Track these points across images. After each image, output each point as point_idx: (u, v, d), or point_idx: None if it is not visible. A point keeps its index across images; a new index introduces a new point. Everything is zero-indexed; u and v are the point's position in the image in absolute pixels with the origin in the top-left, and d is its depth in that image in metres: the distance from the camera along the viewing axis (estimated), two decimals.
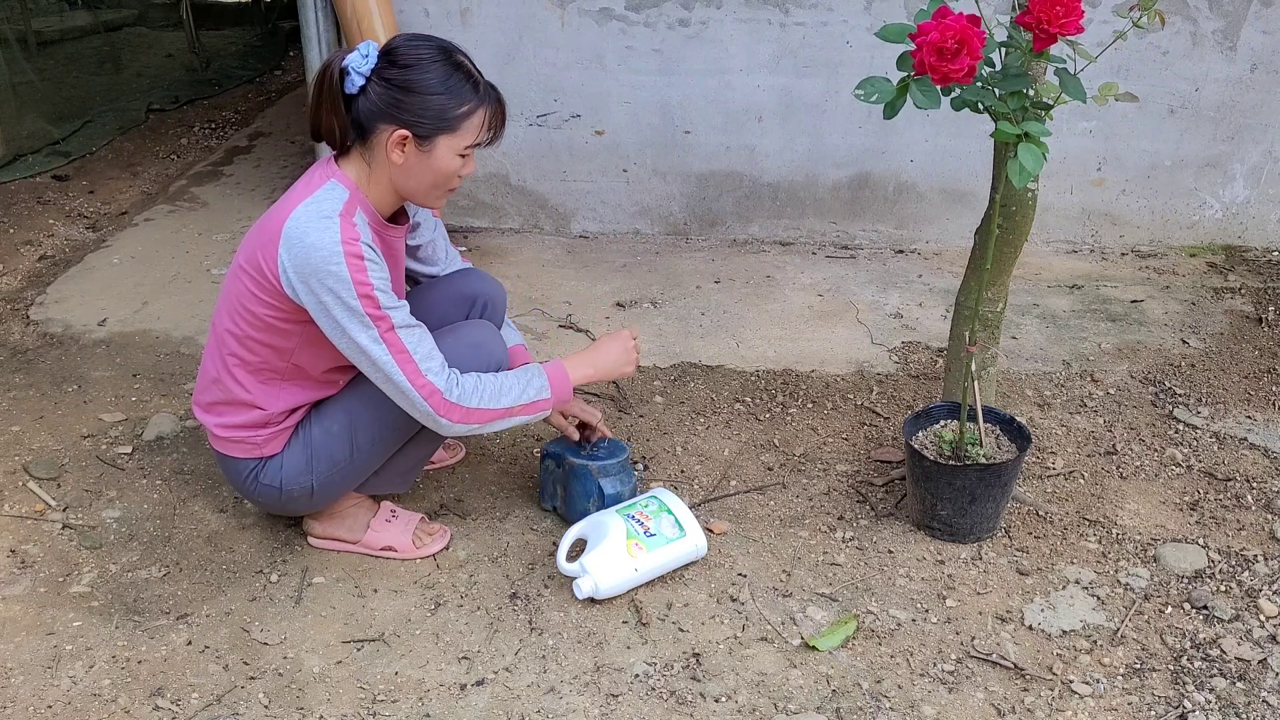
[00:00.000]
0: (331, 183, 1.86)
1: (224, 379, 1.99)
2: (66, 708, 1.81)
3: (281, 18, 6.36)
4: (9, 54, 4.45)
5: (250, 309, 1.91)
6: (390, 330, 1.84)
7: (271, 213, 1.90)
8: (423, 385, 1.86)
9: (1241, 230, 3.52)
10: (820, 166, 3.49)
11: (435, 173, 1.87)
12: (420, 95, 1.81)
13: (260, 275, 1.87)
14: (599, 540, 2.04)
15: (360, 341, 1.83)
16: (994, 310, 2.29)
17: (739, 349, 2.94)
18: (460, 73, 1.84)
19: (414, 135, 1.82)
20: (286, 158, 4.39)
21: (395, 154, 1.84)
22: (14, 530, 2.23)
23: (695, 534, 2.09)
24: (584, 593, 2.00)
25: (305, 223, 1.81)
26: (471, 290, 2.24)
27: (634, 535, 2.04)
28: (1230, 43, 3.25)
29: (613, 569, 2.00)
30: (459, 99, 1.83)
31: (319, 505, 2.11)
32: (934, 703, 1.83)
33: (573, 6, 3.32)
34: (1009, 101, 1.81)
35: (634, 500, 2.15)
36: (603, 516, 2.09)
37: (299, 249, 1.80)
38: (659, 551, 2.05)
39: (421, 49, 1.83)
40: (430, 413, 1.88)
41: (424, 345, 1.88)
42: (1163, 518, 2.28)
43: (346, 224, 1.81)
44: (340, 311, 1.81)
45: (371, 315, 1.82)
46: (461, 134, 1.85)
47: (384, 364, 1.84)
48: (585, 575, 2.00)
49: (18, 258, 3.46)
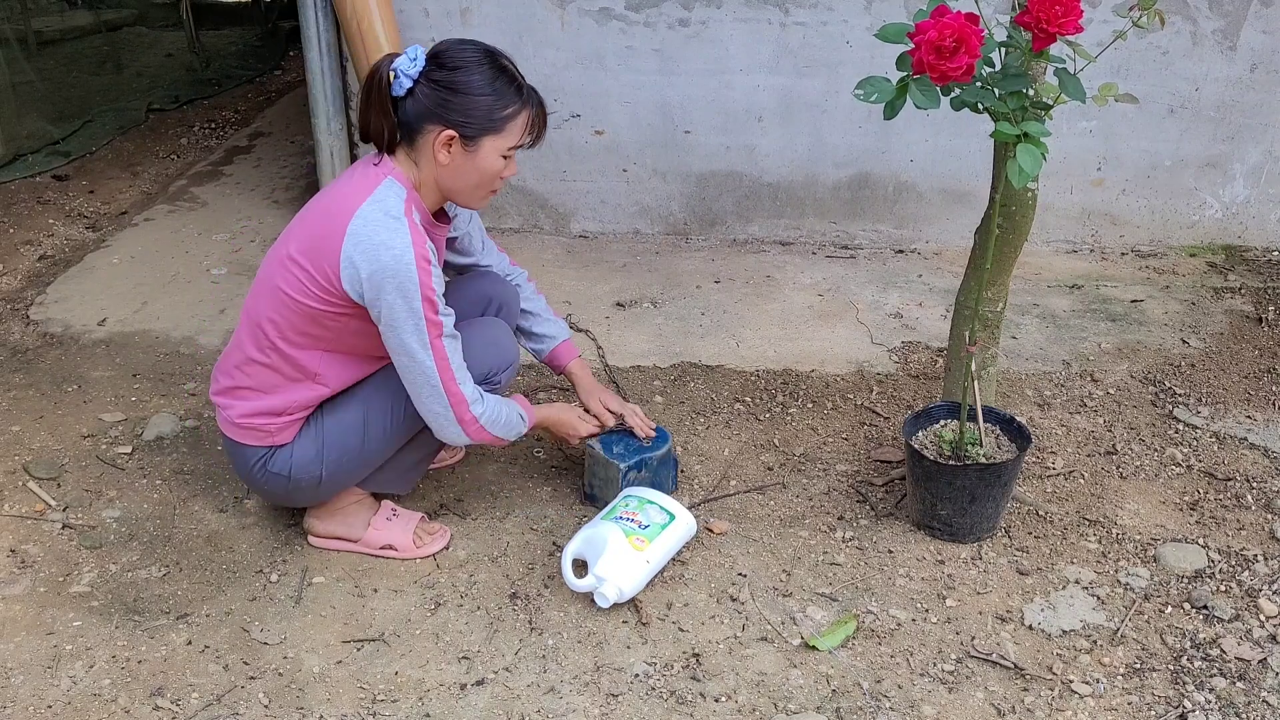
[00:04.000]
0: (389, 180, 1.91)
1: (250, 361, 2.01)
2: (66, 708, 1.81)
3: (281, 18, 6.36)
4: (9, 54, 4.45)
5: (297, 299, 1.93)
6: (439, 337, 1.92)
7: (327, 208, 1.93)
8: (455, 393, 1.95)
9: (1241, 230, 3.52)
10: (820, 166, 3.49)
11: (480, 172, 1.93)
12: (467, 96, 1.86)
13: (316, 269, 1.90)
14: (600, 549, 2.04)
15: (409, 342, 1.90)
16: (994, 310, 2.29)
17: (739, 349, 2.94)
18: (505, 75, 1.89)
19: (460, 136, 1.88)
20: (286, 158, 4.39)
21: (442, 154, 1.89)
22: (14, 530, 2.23)
23: (683, 513, 2.14)
24: (610, 600, 2.00)
25: (374, 222, 1.86)
26: (487, 293, 2.29)
27: (632, 533, 2.05)
28: (1230, 43, 3.25)
29: (628, 569, 2.01)
30: (504, 100, 1.88)
31: (324, 496, 2.12)
32: (934, 703, 1.83)
33: (573, 6, 3.32)
34: (1008, 101, 1.81)
35: (612, 504, 2.16)
36: (592, 530, 2.09)
37: (369, 247, 1.85)
38: (660, 539, 2.07)
39: (468, 51, 1.88)
40: (453, 418, 1.97)
41: (458, 356, 1.97)
42: (1163, 518, 2.28)
43: (413, 225, 1.88)
44: (402, 311, 1.87)
45: (429, 319, 1.89)
46: (506, 135, 1.90)
47: (426, 366, 1.92)
48: (604, 583, 1.99)
49: (18, 258, 3.46)
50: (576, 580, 2.02)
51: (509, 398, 2.13)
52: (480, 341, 2.10)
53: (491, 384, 2.12)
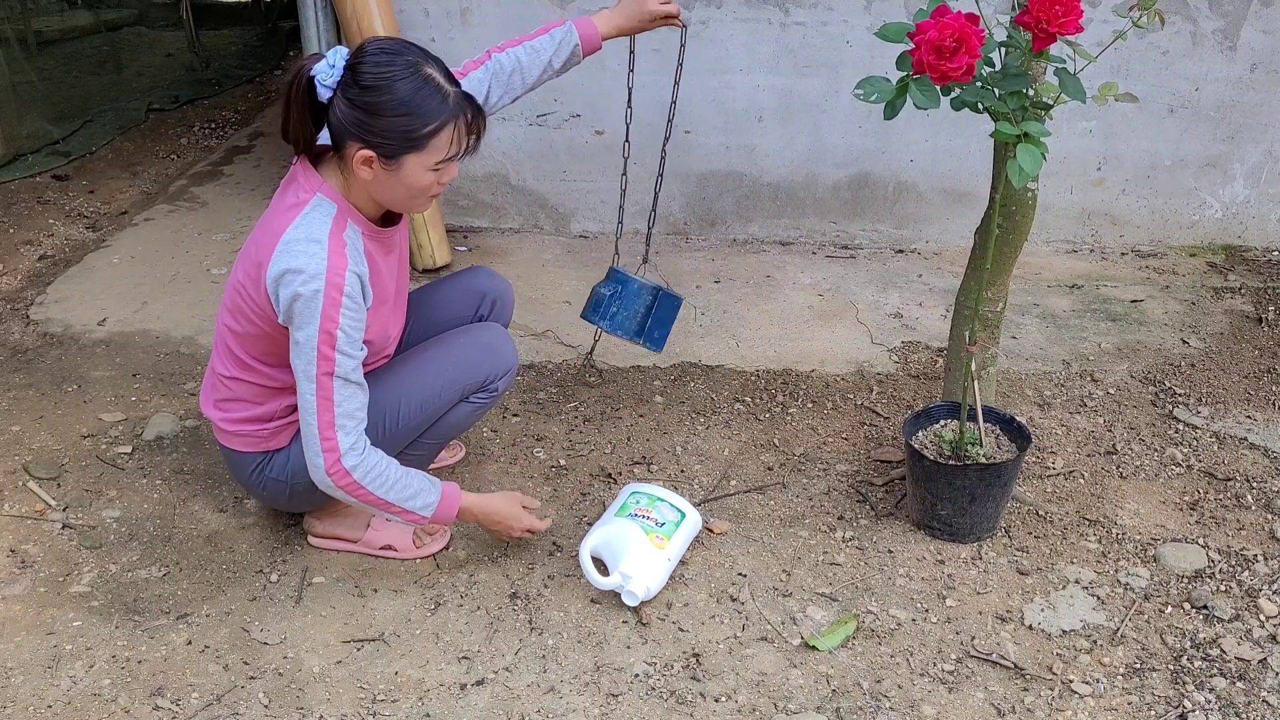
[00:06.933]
0: (318, 197, 1.86)
1: (229, 378, 2.00)
2: (66, 708, 1.81)
3: (281, 18, 6.35)
4: (9, 54, 4.45)
5: (249, 321, 1.92)
6: (328, 375, 1.82)
7: (266, 227, 1.89)
8: (328, 439, 1.84)
9: (1241, 230, 3.52)
10: (820, 166, 3.49)
11: (407, 187, 1.85)
12: (383, 117, 1.77)
13: (257, 293, 1.87)
14: (622, 548, 2.04)
15: (299, 369, 1.84)
16: (994, 310, 2.29)
17: (739, 349, 2.94)
18: (428, 88, 1.78)
19: (379, 155, 1.80)
20: (286, 157, 4.34)
21: (363, 171, 1.82)
22: (14, 530, 2.23)
23: (691, 510, 2.15)
24: (638, 599, 2.00)
25: (294, 247, 1.81)
26: (481, 287, 2.27)
27: (651, 530, 2.06)
28: (1230, 42, 3.25)
29: (652, 567, 2.02)
30: (424, 118, 1.78)
31: (323, 501, 2.12)
32: (934, 702, 1.83)
33: (573, 6, 3.31)
34: (1008, 101, 1.81)
35: (623, 501, 2.16)
36: (609, 529, 2.09)
37: (285, 272, 1.80)
38: (676, 536, 2.09)
39: (387, 66, 1.77)
40: (320, 465, 1.86)
41: (351, 403, 1.86)
42: (1163, 518, 2.28)
43: (336, 249, 1.81)
44: (301, 335, 1.81)
45: (320, 353, 1.81)
46: (429, 152, 1.81)
47: (305, 399, 1.84)
48: (631, 580, 2.00)
49: (18, 258, 3.46)
50: (602, 579, 2.03)
51: (439, 480, 2.01)
52: (479, 346, 2.09)
53: (489, 391, 2.11)
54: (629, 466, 2.44)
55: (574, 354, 2.90)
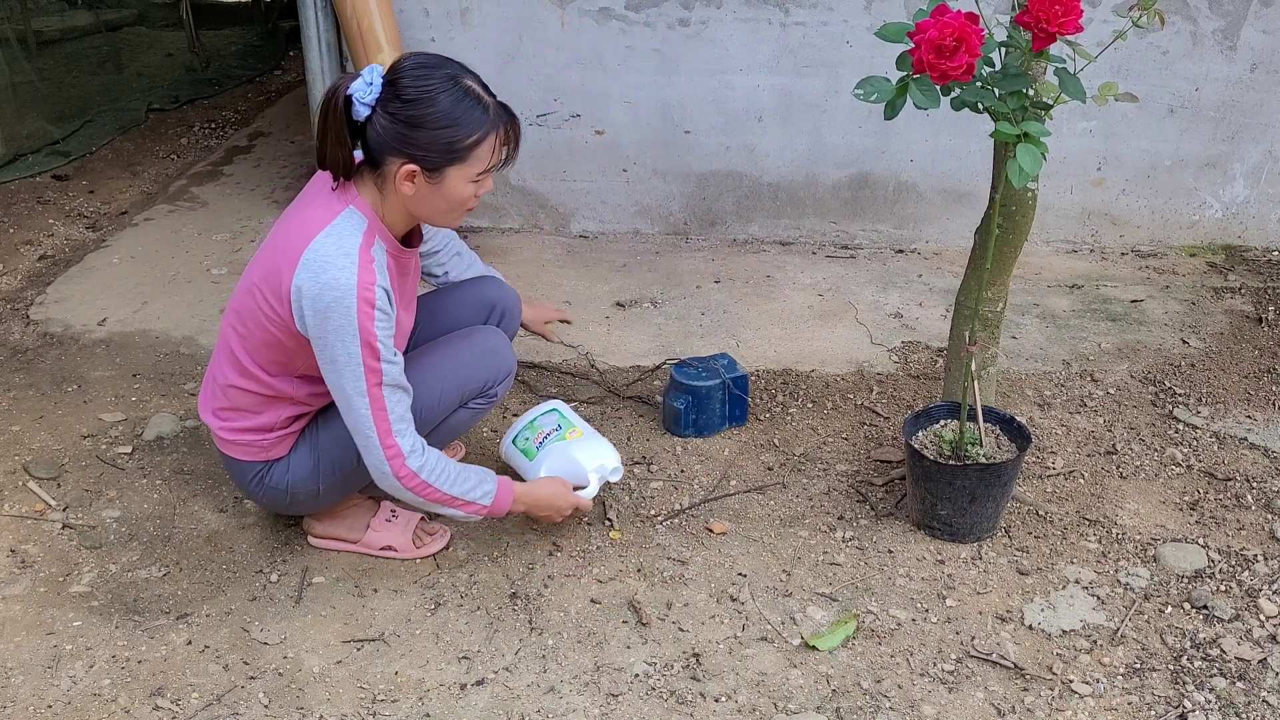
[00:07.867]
0: (350, 210, 1.85)
1: (228, 386, 2.00)
2: (66, 708, 1.81)
3: (281, 18, 6.35)
4: (9, 54, 4.45)
5: (261, 326, 1.91)
6: (378, 385, 1.84)
7: (289, 233, 1.88)
8: (390, 445, 1.87)
9: (1241, 230, 3.52)
10: (820, 166, 3.49)
11: (448, 200, 1.86)
12: (426, 130, 1.77)
13: (274, 297, 1.86)
14: (568, 463, 2.19)
15: (345, 386, 1.84)
16: (994, 310, 2.29)
17: (739, 349, 2.94)
18: (468, 99, 1.79)
19: (423, 169, 1.81)
20: (286, 157, 4.39)
21: (405, 186, 1.82)
22: (14, 530, 2.23)
23: (546, 404, 2.35)
24: (620, 472, 2.24)
25: (325, 256, 1.80)
26: (491, 298, 2.28)
27: (563, 437, 2.24)
28: (1230, 42, 3.25)
29: (597, 449, 2.23)
30: (467, 129, 1.79)
31: (324, 506, 2.13)
32: (934, 702, 1.83)
33: (573, 6, 3.31)
34: (1008, 101, 1.81)
35: (521, 446, 2.28)
36: (546, 465, 2.21)
37: (315, 283, 1.80)
38: (572, 422, 2.29)
39: (427, 79, 1.78)
40: (388, 471, 1.88)
41: (400, 407, 1.88)
42: (1163, 517, 2.28)
43: (365, 263, 1.81)
44: (340, 351, 1.81)
45: (367, 365, 1.82)
46: (471, 163, 1.82)
47: (361, 414, 1.85)
48: (604, 470, 2.20)
49: (18, 258, 3.46)
50: (592, 490, 2.19)
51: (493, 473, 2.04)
52: (479, 350, 2.09)
53: (488, 396, 2.11)
54: (629, 466, 2.44)
55: (574, 354, 2.90)
